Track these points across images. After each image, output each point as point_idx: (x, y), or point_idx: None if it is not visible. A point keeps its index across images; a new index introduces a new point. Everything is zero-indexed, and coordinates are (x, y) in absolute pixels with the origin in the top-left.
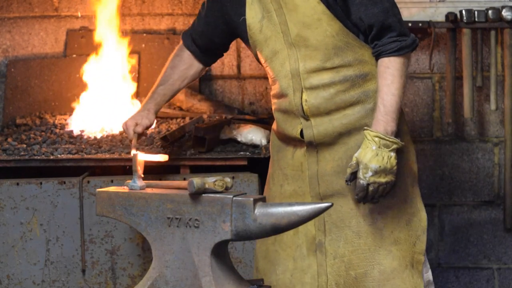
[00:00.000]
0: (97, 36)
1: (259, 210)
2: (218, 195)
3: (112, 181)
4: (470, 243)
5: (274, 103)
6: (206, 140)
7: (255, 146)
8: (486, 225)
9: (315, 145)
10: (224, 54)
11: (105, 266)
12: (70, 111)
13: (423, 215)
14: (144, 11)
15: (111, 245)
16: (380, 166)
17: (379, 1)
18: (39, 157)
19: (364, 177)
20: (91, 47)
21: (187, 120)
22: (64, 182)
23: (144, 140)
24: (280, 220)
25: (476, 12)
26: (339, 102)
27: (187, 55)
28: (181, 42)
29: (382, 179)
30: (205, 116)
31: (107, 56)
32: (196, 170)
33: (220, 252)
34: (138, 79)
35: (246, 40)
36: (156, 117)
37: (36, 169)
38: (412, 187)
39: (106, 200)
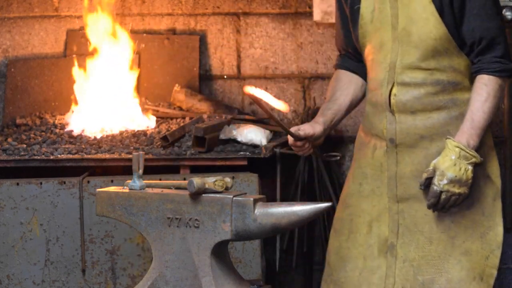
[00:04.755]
0: (97, 36)
1: (259, 210)
2: (218, 195)
3: (112, 181)
4: None
5: (368, 93)
6: (206, 140)
7: (255, 146)
8: None
9: (396, 145)
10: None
11: (105, 266)
12: (70, 111)
13: (499, 230)
14: (144, 11)
15: (111, 245)
16: (456, 176)
17: (495, 17)
18: (39, 157)
19: (439, 183)
20: (90, 47)
21: (187, 120)
22: (64, 182)
23: (144, 140)
24: (280, 220)
25: None
26: (427, 103)
27: (342, 73)
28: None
29: (456, 189)
30: (205, 116)
31: (107, 56)
32: (196, 170)
33: (220, 252)
34: (138, 79)
35: (355, 30)
36: (156, 117)
37: (36, 169)
38: (494, 201)
39: (106, 200)
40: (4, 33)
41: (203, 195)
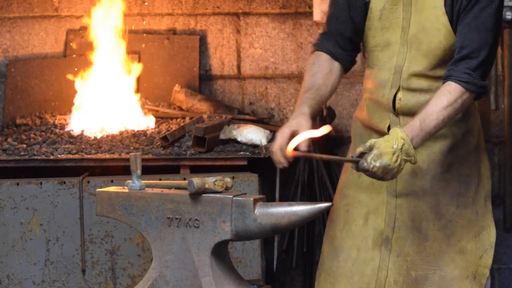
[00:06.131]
0: (97, 36)
1: (259, 210)
2: (218, 195)
3: (112, 181)
4: None
5: (366, 90)
6: (206, 140)
7: (255, 146)
8: None
9: None
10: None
11: (105, 266)
12: (70, 111)
13: (492, 230)
14: (144, 11)
15: (111, 245)
16: (389, 165)
17: (484, 31)
18: (39, 157)
19: (370, 163)
20: (90, 47)
21: (187, 120)
22: (64, 182)
23: (144, 140)
24: (280, 220)
25: None
26: None
27: (323, 61)
28: (313, 52)
29: (380, 174)
30: (205, 116)
31: (107, 56)
32: (196, 170)
33: (220, 252)
34: (138, 79)
35: (360, 21)
36: (156, 117)
37: (36, 169)
38: (485, 202)
39: (106, 200)
40: (4, 33)
41: (203, 195)
